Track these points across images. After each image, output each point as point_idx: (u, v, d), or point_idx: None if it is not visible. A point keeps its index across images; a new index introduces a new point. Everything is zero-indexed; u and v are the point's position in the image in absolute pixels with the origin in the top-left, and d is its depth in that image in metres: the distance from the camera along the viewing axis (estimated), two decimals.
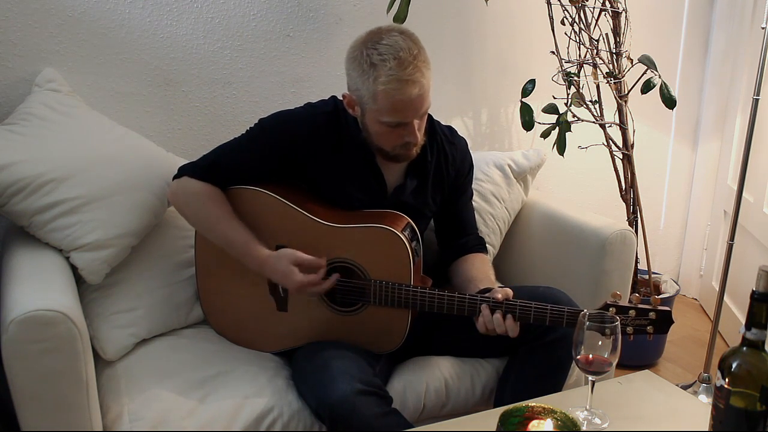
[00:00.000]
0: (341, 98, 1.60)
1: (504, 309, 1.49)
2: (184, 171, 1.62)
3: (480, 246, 1.80)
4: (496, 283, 1.67)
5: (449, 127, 1.79)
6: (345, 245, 1.57)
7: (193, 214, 1.62)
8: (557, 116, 2.25)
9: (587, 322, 1.23)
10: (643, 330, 1.45)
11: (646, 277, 2.54)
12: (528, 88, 2.28)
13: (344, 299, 1.60)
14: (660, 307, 1.45)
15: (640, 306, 1.45)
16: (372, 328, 1.60)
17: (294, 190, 1.64)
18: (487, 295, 1.52)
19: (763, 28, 2.04)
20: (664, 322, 1.45)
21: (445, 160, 1.73)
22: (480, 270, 1.70)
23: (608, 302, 1.46)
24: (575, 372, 1.77)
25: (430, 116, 1.74)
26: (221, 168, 1.60)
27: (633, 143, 2.38)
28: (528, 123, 2.27)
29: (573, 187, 2.80)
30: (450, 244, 1.79)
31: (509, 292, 1.52)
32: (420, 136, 1.56)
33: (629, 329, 1.44)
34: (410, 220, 1.63)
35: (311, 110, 1.65)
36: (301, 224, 1.58)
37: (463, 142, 1.80)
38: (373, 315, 1.59)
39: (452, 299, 1.53)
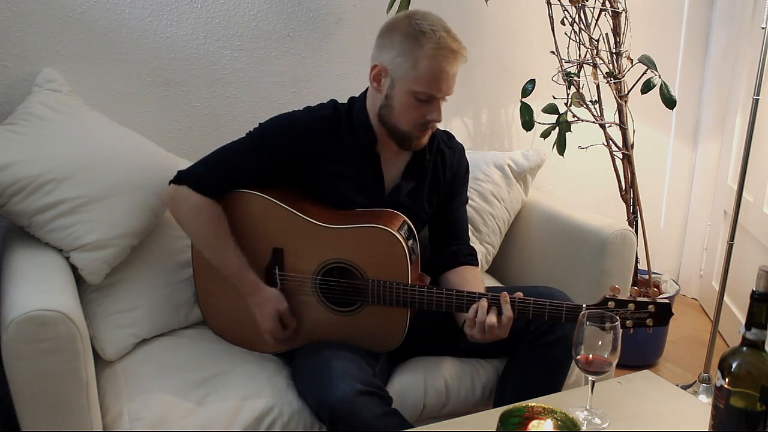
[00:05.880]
0: (371, 69, 1.58)
1: (501, 305, 1.49)
2: (183, 179, 1.60)
3: (471, 257, 1.77)
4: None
5: (447, 132, 1.80)
6: (342, 245, 1.57)
7: (189, 227, 1.61)
8: (557, 116, 2.25)
9: (587, 321, 1.23)
10: (642, 323, 1.44)
11: (646, 277, 2.54)
12: (528, 88, 2.28)
13: (342, 299, 1.60)
14: (659, 300, 1.45)
15: (639, 299, 1.45)
16: (371, 327, 1.60)
17: (290, 193, 1.64)
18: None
19: (763, 28, 2.04)
20: (664, 314, 1.44)
21: (443, 162, 1.73)
22: (473, 285, 1.66)
23: (607, 296, 1.46)
24: (575, 372, 1.77)
25: None
26: (223, 179, 1.59)
27: (633, 143, 2.38)
28: (528, 123, 2.27)
29: (573, 187, 2.80)
30: (440, 251, 1.77)
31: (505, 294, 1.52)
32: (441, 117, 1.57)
33: (629, 322, 1.44)
34: (406, 218, 1.63)
35: (311, 114, 1.64)
36: (298, 226, 1.58)
37: (460, 147, 1.80)
38: (371, 314, 1.59)
39: (450, 296, 1.53)
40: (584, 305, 1.47)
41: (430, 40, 1.49)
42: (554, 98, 2.29)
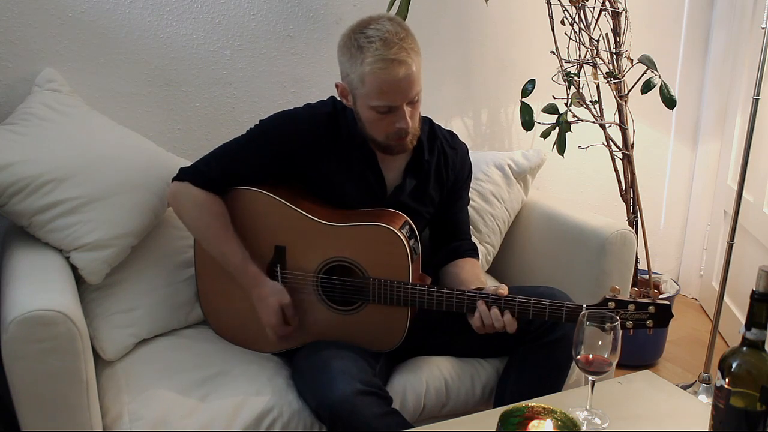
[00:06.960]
0: (335, 88, 1.60)
1: (503, 304, 1.49)
2: (185, 175, 1.61)
3: (472, 251, 1.78)
4: (486, 283, 1.67)
5: (450, 132, 1.79)
6: (343, 244, 1.58)
7: (191, 222, 1.62)
8: (557, 116, 2.25)
9: (587, 322, 1.23)
10: (642, 324, 1.44)
11: (646, 277, 2.54)
12: (528, 88, 2.28)
13: (343, 298, 1.60)
14: (659, 301, 1.45)
15: (639, 300, 1.45)
16: (371, 326, 1.60)
17: (292, 190, 1.64)
18: (483, 291, 1.52)
19: (763, 28, 2.04)
20: (664, 315, 1.44)
21: (445, 163, 1.73)
22: (470, 273, 1.69)
23: (607, 296, 1.46)
24: (575, 372, 1.77)
25: (431, 120, 1.74)
26: (223, 174, 1.60)
27: (633, 143, 2.38)
28: (528, 123, 2.27)
29: (573, 187, 2.80)
30: (442, 248, 1.77)
31: (504, 288, 1.52)
32: (412, 125, 1.55)
33: (629, 323, 1.44)
34: (408, 218, 1.63)
35: (311, 111, 1.65)
36: (300, 224, 1.58)
37: (463, 147, 1.79)
38: (372, 313, 1.59)
39: (451, 296, 1.53)
40: (584, 305, 1.47)
41: (368, 55, 1.46)
42: (554, 98, 2.29)
